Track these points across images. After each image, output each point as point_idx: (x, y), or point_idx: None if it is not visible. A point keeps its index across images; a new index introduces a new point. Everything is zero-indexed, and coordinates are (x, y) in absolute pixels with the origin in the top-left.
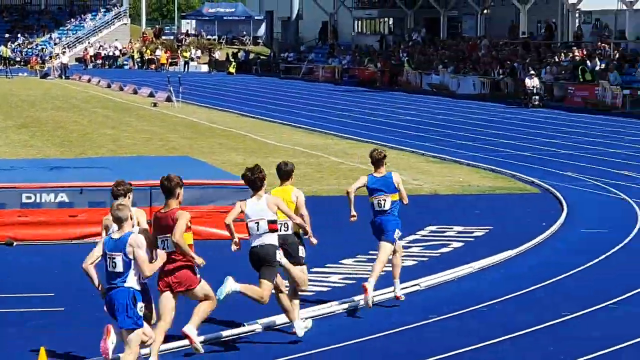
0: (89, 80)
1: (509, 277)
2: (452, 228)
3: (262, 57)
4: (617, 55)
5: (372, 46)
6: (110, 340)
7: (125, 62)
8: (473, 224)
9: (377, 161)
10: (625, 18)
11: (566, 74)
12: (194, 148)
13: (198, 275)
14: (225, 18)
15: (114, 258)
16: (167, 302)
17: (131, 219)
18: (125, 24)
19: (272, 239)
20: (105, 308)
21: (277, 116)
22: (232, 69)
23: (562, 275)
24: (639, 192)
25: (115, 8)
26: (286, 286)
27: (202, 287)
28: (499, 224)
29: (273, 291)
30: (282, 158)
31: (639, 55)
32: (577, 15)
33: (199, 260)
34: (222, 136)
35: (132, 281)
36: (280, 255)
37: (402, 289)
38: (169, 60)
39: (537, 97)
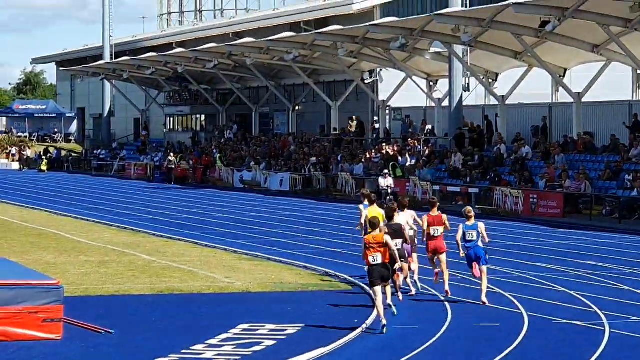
0: None
1: None
2: (264, 326)
3: (74, 154)
4: (427, 152)
5: (184, 143)
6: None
7: None
8: (285, 322)
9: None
10: (434, 114)
11: (378, 169)
12: (4, 248)
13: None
14: (36, 115)
15: (472, 233)
16: None
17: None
18: None
19: None
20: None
21: (89, 214)
22: (43, 167)
23: None
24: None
25: None
26: None
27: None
28: (312, 321)
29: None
30: (94, 257)
31: (449, 151)
32: (387, 111)
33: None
34: (34, 235)
35: (480, 243)
36: None
37: None
38: None
39: (391, 197)
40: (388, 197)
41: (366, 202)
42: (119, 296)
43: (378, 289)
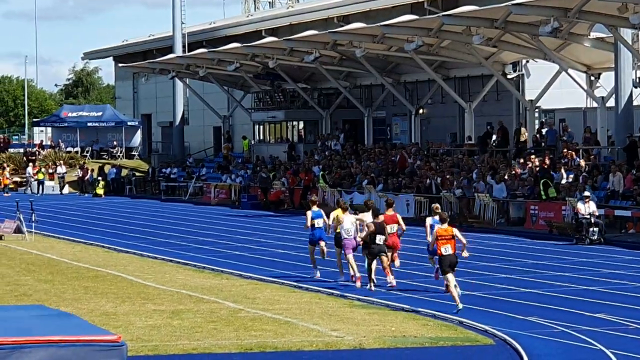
0: None
1: None
2: None
3: (137, 174)
4: (586, 166)
5: (277, 157)
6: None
7: None
8: None
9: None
10: (597, 118)
11: (525, 189)
12: (51, 294)
13: None
14: (90, 124)
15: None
16: None
17: None
18: None
19: None
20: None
21: (158, 250)
22: (99, 190)
23: None
24: (617, 340)
25: None
26: None
27: None
28: None
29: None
30: (164, 305)
31: (614, 164)
32: (536, 114)
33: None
34: (88, 278)
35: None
36: None
37: None
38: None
39: (595, 230)
40: (591, 229)
41: (315, 208)
42: (196, 355)
43: (450, 276)
